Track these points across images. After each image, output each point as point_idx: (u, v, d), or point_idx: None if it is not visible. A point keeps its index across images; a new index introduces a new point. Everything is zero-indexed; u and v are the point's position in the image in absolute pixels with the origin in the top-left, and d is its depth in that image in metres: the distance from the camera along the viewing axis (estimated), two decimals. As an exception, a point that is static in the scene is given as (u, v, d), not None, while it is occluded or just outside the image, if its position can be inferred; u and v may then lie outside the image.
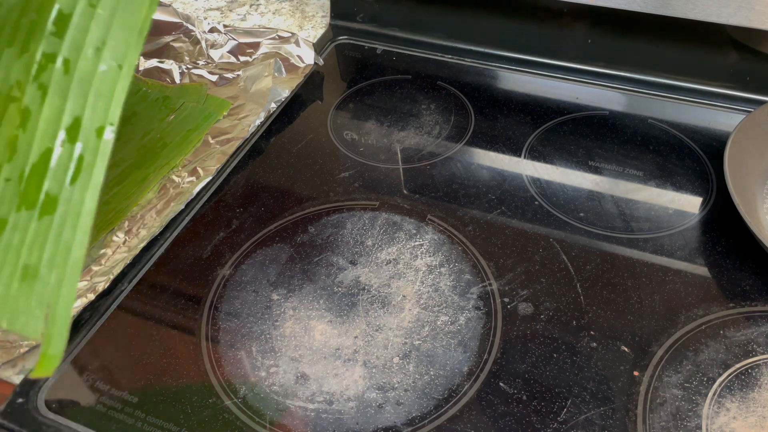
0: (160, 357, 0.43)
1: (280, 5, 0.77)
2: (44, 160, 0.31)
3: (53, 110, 0.32)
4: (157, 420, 0.40)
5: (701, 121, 0.58)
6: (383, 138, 0.58)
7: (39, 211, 0.31)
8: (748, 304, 0.44)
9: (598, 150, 0.56)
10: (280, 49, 0.64)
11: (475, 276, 0.46)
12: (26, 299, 0.29)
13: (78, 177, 0.31)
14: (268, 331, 0.44)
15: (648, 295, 0.45)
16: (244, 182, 0.55)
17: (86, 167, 0.31)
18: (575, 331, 0.43)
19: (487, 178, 0.54)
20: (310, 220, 0.51)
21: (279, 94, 0.60)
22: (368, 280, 0.46)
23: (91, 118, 0.32)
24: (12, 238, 0.31)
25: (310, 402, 0.40)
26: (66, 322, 0.29)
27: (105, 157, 0.31)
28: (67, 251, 0.30)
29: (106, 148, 0.31)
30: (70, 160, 0.31)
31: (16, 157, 0.31)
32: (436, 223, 0.50)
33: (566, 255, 0.47)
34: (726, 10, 0.53)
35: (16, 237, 0.30)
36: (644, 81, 0.61)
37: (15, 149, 0.31)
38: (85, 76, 0.32)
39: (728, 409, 0.39)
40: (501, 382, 0.40)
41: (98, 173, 0.31)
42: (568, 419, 0.39)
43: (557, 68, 0.64)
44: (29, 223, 0.31)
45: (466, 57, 0.66)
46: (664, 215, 0.50)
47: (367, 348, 0.43)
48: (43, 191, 0.31)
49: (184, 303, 0.46)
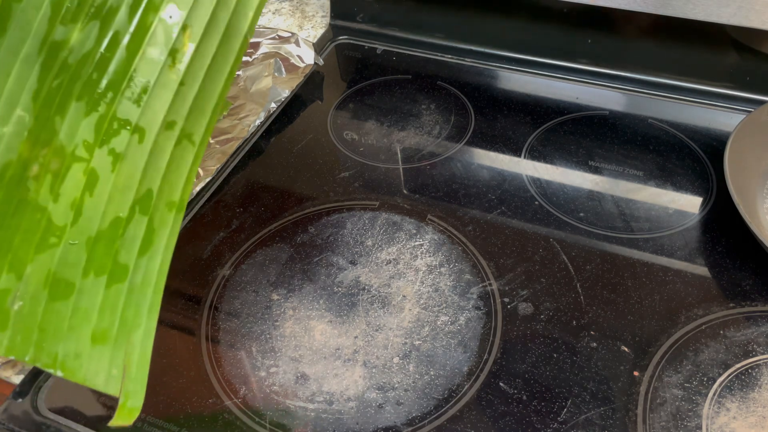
0: (160, 357, 0.43)
1: (280, 5, 0.76)
2: (113, 228, 0.31)
3: (125, 179, 0.31)
4: (157, 420, 0.40)
5: (701, 121, 0.58)
6: (383, 138, 0.58)
7: (108, 278, 0.31)
8: (748, 304, 0.44)
9: (598, 150, 0.56)
10: (280, 49, 0.64)
11: (475, 276, 0.46)
12: (101, 360, 0.30)
13: (149, 249, 0.31)
14: (268, 331, 0.44)
15: (648, 295, 0.45)
16: (244, 182, 0.55)
17: (157, 239, 0.31)
18: (575, 331, 0.43)
19: (487, 178, 0.54)
20: (310, 220, 0.51)
21: (279, 94, 0.60)
22: (368, 280, 0.46)
23: (163, 191, 0.32)
24: (80, 302, 0.31)
25: (310, 402, 0.40)
26: (143, 381, 0.30)
27: (175, 231, 0.31)
28: (140, 317, 0.31)
29: (176, 222, 0.31)
30: (140, 231, 0.31)
31: (81, 220, 0.31)
32: (436, 223, 0.50)
33: (566, 255, 0.47)
34: (726, 10, 0.53)
35: (85, 301, 0.31)
36: (644, 81, 0.61)
37: (81, 213, 0.31)
38: (159, 148, 0.32)
39: (728, 409, 0.39)
40: (501, 382, 0.40)
41: (169, 246, 0.31)
42: (568, 419, 0.39)
43: (557, 68, 0.64)
44: (98, 288, 0.31)
45: (466, 57, 0.66)
46: (664, 215, 0.50)
47: (367, 348, 0.43)
48: (113, 259, 0.31)
49: (184, 303, 0.46)
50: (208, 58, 0.32)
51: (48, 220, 0.31)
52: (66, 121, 0.31)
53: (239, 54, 0.32)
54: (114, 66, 0.31)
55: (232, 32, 0.32)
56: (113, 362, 0.30)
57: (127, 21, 0.31)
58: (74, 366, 0.30)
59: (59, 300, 0.30)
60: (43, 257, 0.30)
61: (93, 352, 0.30)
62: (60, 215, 0.31)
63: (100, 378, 0.30)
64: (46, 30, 0.31)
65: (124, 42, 0.31)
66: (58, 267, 0.31)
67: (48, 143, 0.31)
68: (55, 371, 0.30)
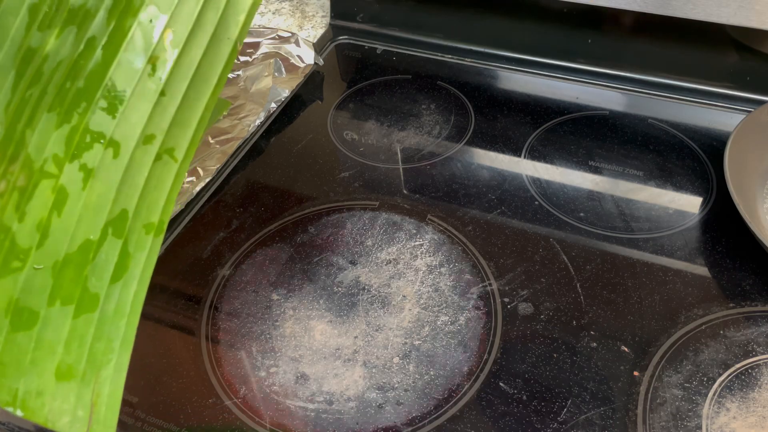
0: (160, 357, 0.43)
1: (280, 5, 0.76)
2: (83, 252, 0.28)
3: (97, 197, 0.29)
4: (157, 420, 0.40)
5: (701, 121, 0.58)
6: (383, 138, 0.58)
7: (76, 307, 0.28)
8: (748, 304, 0.44)
9: (598, 150, 0.56)
10: (280, 49, 0.64)
11: (475, 276, 0.46)
12: (66, 399, 0.27)
13: (122, 275, 0.28)
14: (268, 331, 0.44)
15: (648, 295, 0.45)
16: (244, 182, 0.55)
17: (132, 265, 0.28)
18: (575, 331, 0.43)
19: (487, 178, 0.54)
20: (310, 220, 0.51)
21: (279, 94, 0.60)
22: (368, 280, 0.46)
23: (140, 212, 0.29)
24: (45, 333, 0.28)
25: (310, 402, 0.40)
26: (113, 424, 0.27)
27: (153, 256, 0.29)
28: (111, 351, 0.28)
29: (155, 246, 0.29)
30: (113, 256, 0.28)
31: (47, 243, 0.28)
32: (436, 223, 0.50)
33: (566, 255, 0.47)
34: (726, 10, 0.53)
35: (50, 333, 0.28)
36: (644, 81, 0.61)
37: (47, 234, 0.28)
38: (136, 164, 0.29)
39: (728, 409, 0.39)
40: (501, 382, 0.40)
41: (145, 273, 0.29)
42: (568, 419, 0.39)
43: (557, 68, 0.64)
44: (65, 318, 0.28)
45: (466, 57, 0.66)
46: (664, 215, 0.50)
47: (367, 348, 0.43)
48: (82, 286, 0.28)
49: (184, 303, 0.46)
50: (193, 66, 0.29)
51: (11, 242, 0.28)
52: (35, 133, 0.29)
53: (228, 62, 0.29)
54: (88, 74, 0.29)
55: (221, 38, 0.29)
56: (80, 401, 0.27)
57: (104, 25, 0.29)
58: (36, 405, 0.27)
59: (21, 330, 0.27)
60: (4, 282, 0.28)
61: (57, 389, 0.27)
62: (25, 236, 0.28)
63: (64, 419, 0.27)
64: (23, 37, 0.28)
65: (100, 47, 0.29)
66: (21, 294, 0.28)
67: (16, 158, 0.28)
68: (14, 410, 0.26)
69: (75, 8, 0.29)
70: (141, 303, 0.29)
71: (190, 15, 0.29)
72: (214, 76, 0.29)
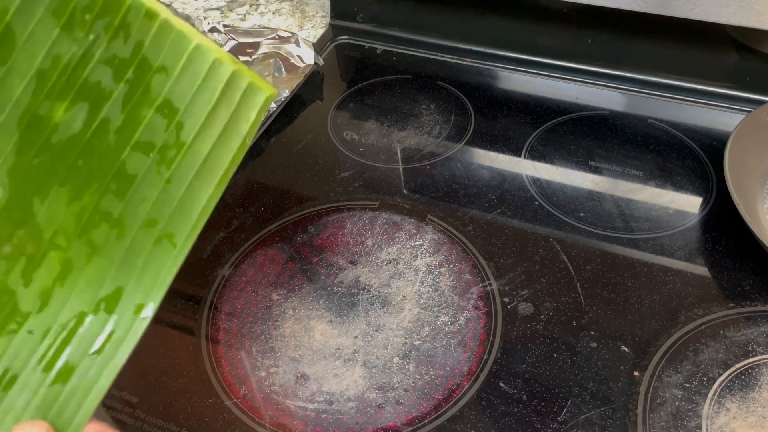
0: (160, 357, 0.43)
1: (280, 5, 0.76)
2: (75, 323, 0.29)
3: (97, 273, 0.30)
4: (157, 420, 0.40)
5: (701, 121, 0.58)
6: (383, 138, 0.58)
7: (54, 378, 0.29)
8: (748, 304, 0.44)
9: (598, 150, 0.56)
10: (280, 49, 0.64)
11: (475, 276, 0.46)
12: None
13: (102, 350, 0.29)
14: (268, 331, 0.44)
15: (648, 295, 0.45)
16: (244, 182, 0.55)
17: (113, 343, 0.29)
18: (575, 331, 0.43)
19: (487, 178, 0.54)
20: (310, 220, 0.51)
21: (279, 94, 0.60)
22: (368, 280, 0.46)
23: (133, 292, 0.30)
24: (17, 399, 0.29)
25: (310, 402, 0.40)
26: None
27: (135, 338, 0.29)
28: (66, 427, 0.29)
29: (139, 328, 0.29)
30: (100, 332, 0.29)
31: (46, 310, 0.29)
32: (436, 223, 0.50)
33: (566, 255, 0.47)
34: (726, 10, 0.53)
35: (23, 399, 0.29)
36: (644, 81, 0.61)
37: (47, 303, 0.30)
38: (137, 246, 0.30)
39: (728, 409, 0.39)
40: (501, 382, 0.40)
41: (123, 353, 0.29)
42: (568, 419, 0.39)
43: (557, 68, 0.64)
44: (40, 387, 0.29)
45: (466, 57, 0.66)
46: (664, 215, 0.50)
47: (367, 348, 0.43)
48: (64, 357, 0.29)
49: (184, 303, 0.46)
50: (201, 158, 0.30)
51: (14, 305, 0.29)
52: (45, 205, 0.30)
53: (236, 156, 0.30)
54: (101, 156, 0.30)
55: (231, 133, 0.30)
56: None
57: (119, 109, 0.30)
58: None
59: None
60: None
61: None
62: (28, 301, 0.29)
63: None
64: (29, 102, 0.29)
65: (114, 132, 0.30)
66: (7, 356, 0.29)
67: (23, 224, 0.29)
68: None
69: (88, 84, 0.29)
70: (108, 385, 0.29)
71: (204, 110, 0.30)
72: (220, 169, 0.30)
